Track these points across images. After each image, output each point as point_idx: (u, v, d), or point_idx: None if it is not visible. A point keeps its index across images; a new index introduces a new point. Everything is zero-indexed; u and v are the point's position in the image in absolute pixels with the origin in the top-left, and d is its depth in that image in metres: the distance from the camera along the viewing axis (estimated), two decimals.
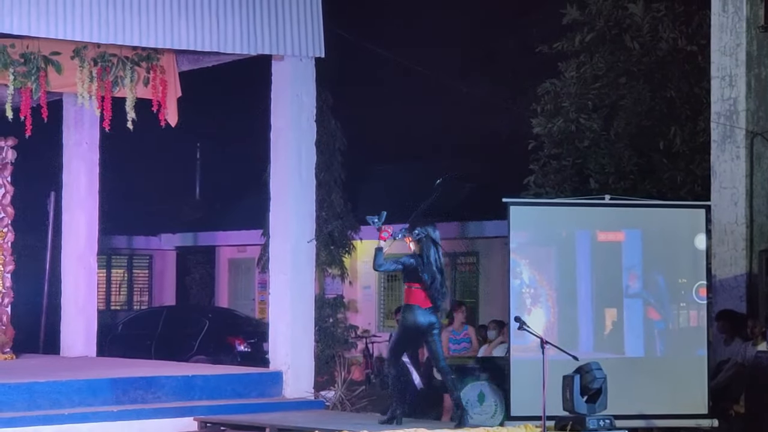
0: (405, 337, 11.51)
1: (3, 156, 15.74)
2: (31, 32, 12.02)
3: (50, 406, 11.86)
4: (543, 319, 13.15)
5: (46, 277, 18.37)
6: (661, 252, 13.45)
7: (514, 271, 13.23)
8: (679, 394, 13.22)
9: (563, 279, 13.35)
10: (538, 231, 13.51)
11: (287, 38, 13.31)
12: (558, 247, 13.45)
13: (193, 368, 14.46)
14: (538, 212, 13.81)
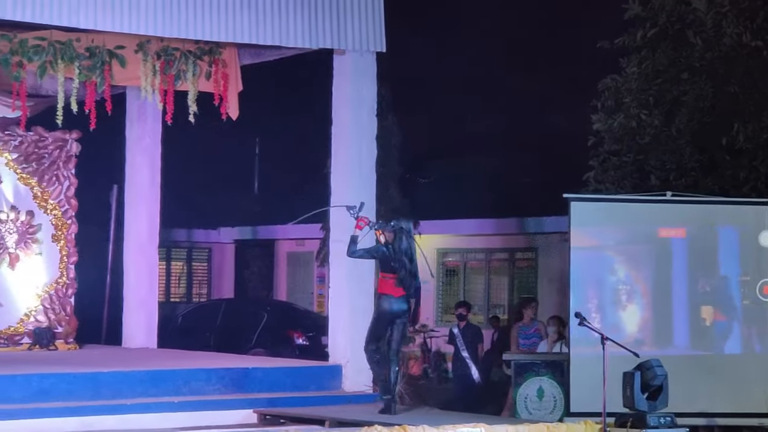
0: (379, 324, 12.05)
1: (68, 149, 15.92)
2: (97, 26, 12.15)
3: (113, 396, 11.98)
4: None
5: (108, 268, 18.53)
6: (724, 249, 13.36)
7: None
8: (741, 392, 13.12)
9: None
10: (600, 227, 13.46)
11: (349, 32, 13.34)
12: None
13: (252, 361, 14.54)
14: (599, 208, 13.76)
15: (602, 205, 13.90)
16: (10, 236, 15.64)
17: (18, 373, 11.86)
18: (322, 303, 24.72)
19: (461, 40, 24.30)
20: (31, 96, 13.93)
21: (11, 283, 15.64)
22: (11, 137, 15.67)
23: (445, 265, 24.74)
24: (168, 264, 25.63)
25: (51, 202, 15.85)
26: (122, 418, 11.60)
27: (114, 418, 11.57)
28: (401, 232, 11.92)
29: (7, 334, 15.50)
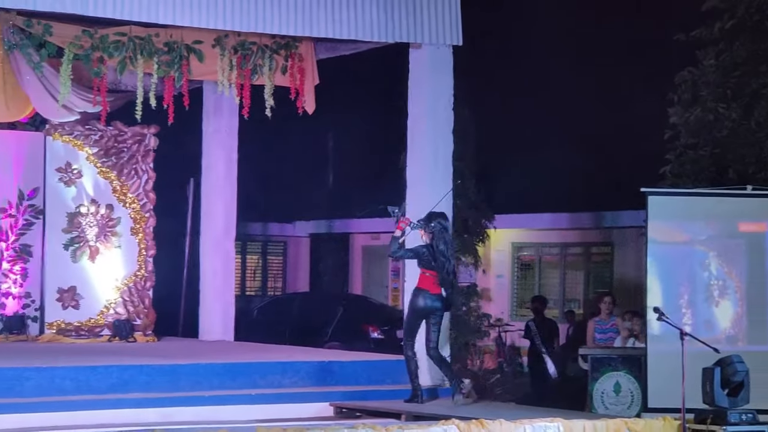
0: (414, 318, 12.24)
1: (146, 143, 16.10)
2: (176, 22, 12.28)
3: (191, 388, 12.10)
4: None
5: (185, 261, 18.69)
6: None
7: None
8: None
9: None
10: (678, 221, 13.33)
11: (425, 26, 13.33)
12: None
13: (329, 354, 14.60)
14: (677, 202, 13.61)
15: (680, 199, 13.75)
16: (91, 229, 15.85)
17: (99, 364, 12.02)
18: (396, 297, 24.72)
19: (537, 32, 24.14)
20: (111, 91, 14.09)
21: (92, 275, 15.86)
22: (91, 132, 15.88)
23: (520, 260, 24.65)
24: (243, 257, 25.77)
25: (130, 195, 16.04)
26: (200, 410, 11.70)
27: (192, 410, 11.67)
28: (441, 233, 12.08)
29: (87, 326, 15.72)
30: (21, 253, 15.91)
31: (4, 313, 15.74)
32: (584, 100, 23.86)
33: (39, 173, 15.98)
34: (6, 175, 15.88)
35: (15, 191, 15.92)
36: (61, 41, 12.94)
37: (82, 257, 15.85)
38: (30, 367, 11.67)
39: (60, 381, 11.56)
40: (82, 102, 13.85)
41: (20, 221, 15.95)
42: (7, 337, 15.58)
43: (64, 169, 15.87)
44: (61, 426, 10.84)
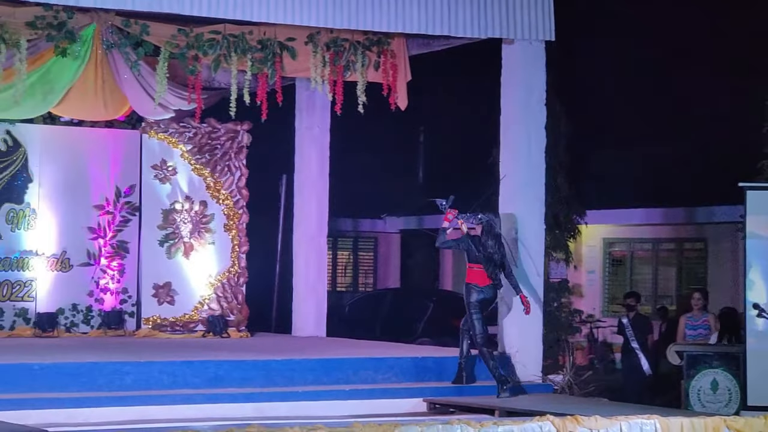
0: (476, 313, 12.54)
1: (239, 140, 16.23)
2: (269, 19, 12.37)
3: (285, 384, 12.19)
4: None
5: (278, 257, 18.81)
6: None
7: None
8: None
9: None
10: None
11: (518, 21, 13.29)
12: None
13: (421, 350, 14.61)
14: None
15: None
16: (185, 226, 16.03)
17: (195, 360, 12.15)
18: None
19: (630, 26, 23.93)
20: (205, 89, 14.23)
21: (186, 271, 16.04)
22: (186, 129, 16.06)
23: (612, 255, 24.46)
24: (334, 253, 25.88)
25: (223, 192, 16.19)
26: (294, 405, 11.77)
27: (286, 405, 11.75)
28: (489, 227, 12.49)
29: (182, 321, 15.91)
30: (118, 249, 16.16)
31: (102, 308, 16.00)
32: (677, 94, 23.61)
33: (135, 171, 16.21)
34: (103, 173, 16.12)
35: (112, 188, 16.16)
36: (158, 40, 13.11)
37: (176, 253, 16.04)
38: (129, 361, 11.84)
39: (157, 375, 11.72)
40: (177, 100, 14.01)
41: (117, 218, 16.19)
42: (105, 332, 15.83)
43: (159, 166, 16.07)
44: (158, 419, 10.99)
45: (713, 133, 22.48)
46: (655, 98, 24.16)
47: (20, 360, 11.70)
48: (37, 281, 15.76)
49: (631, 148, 23.93)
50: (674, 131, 23.62)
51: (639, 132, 24.13)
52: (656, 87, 24.12)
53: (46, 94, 13.67)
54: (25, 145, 15.79)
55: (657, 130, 23.95)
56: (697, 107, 23.39)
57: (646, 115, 24.25)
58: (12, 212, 15.71)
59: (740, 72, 21.61)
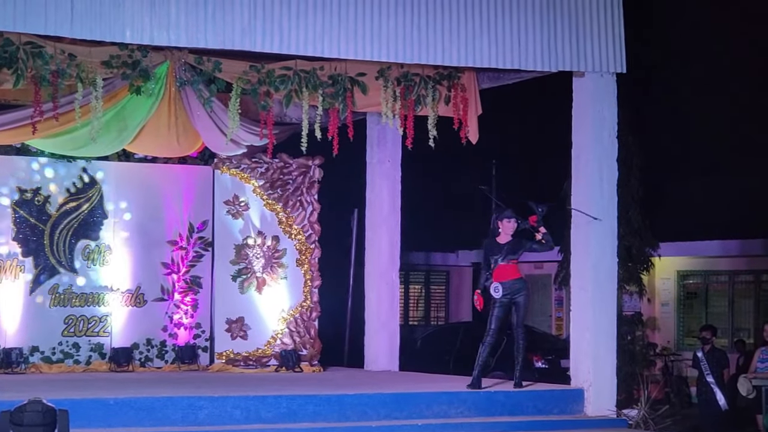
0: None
1: (311, 175, 16.32)
2: (340, 55, 12.42)
3: (358, 418, 12.16)
4: None
5: (350, 292, 18.86)
6: None
7: None
8: None
9: None
10: None
11: (588, 54, 13.24)
12: None
13: (494, 384, 14.54)
14: None
15: None
16: (257, 261, 16.12)
17: (268, 394, 12.17)
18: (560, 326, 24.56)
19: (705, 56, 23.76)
20: (277, 124, 14.32)
21: (259, 306, 16.13)
22: (258, 164, 16.18)
23: (686, 288, 24.23)
24: (406, 287, 25.90)
25: (295, 227, 16.27)
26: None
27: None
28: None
29: (255, 356, 15.97)
30: (191, 284, 16.28)
31: (176, 343, 16.13)
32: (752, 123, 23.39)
33: (208, 206, 16.35)
34: (177, 209, 16.29)
35: (186, 224, 16.31)
36: (230, 77, 13.23)
37: (249, 288, 16.13)
38: (203, 396, 11.88)
39: (231, 410, 11.75)
40: (249, 135, 14.12)
41: (190, 253, 16.32)
42: (179, 367, 15.95)
43: (232, 201, 16.20)
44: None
45: None
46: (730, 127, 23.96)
47: (96, 395, 11.81)
48: (112, 316, 15.93)
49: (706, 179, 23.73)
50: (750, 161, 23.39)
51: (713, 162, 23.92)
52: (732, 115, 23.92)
53: (120, 131, 13.86)
54: (100, 182, 16.01)
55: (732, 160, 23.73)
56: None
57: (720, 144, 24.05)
58: (88, 248, 15.91)
59: None
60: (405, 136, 14.00)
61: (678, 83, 24.30)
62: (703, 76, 24.09)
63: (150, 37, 11.59)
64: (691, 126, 24.30)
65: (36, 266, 15.63)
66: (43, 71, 12.21)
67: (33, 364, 15.40)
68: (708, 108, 24.14)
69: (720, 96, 23.93)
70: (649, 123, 21.19)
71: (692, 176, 24.00)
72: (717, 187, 23.20)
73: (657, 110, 23.35)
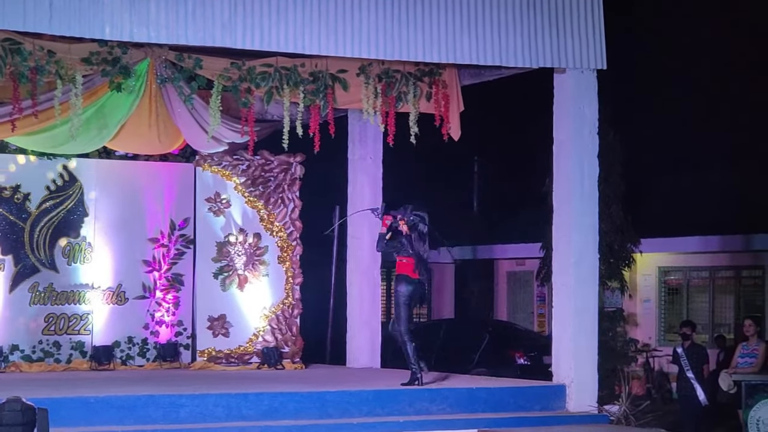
0: (405, 303, 13.14)
1: (292, 172, 16.30)
2: (321, 51, 12.41)
3: (340, 415, 12.15)
4: None
5: (332, 289, 18.85)
6: None
7: None
8: None
9: None
10: None
11: (569, 51, 13.26)
12: None
13: (475, 381, 14.55)
14: None
15: None
16: (239, 258, 16.10)
17: (250, 392, 12.16)
18: (542, 323, 24.60)
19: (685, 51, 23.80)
20: (258, 121, 14.30)
21: (241, 304, 16.10)
22: (239, 162, 16.15)
23: (667, 284, 24.29)
24: (388, 284, 25.88)
25: (277, 224, 16.25)
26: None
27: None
28: (416, 224, 13.20)
29: (237, 353, 15.95)
30: (173, 282, 16.25)
31: (158, 341, 16.09)
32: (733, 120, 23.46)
33: (189, 204, 16.31)
34: (158, 206, 16.25)
35: (167, 222, 16.28)
36: (211, 74, 13.20)
37: (231, 286, 16.11)
38: (184, 394, 11.86)
39: (213, 408, 11.73)
40: (230, 133, 14.09)
41: (172, 251, 16.29)
42: (161, 365, 15.92)
43: (213, 199, 16.17)
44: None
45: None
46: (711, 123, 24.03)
47: (77, 393, 11.78)
48: (93, 314, 15.88)
49: (686, 175, 23.79)
50: (730, 157, 23.46)
51: (694, 158, 23.99)
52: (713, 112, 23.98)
53: (101, 128, 13.81)
54: (80, 179, 15.96)
55: (712, 156, 23.80)
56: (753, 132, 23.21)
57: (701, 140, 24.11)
58: (68, 246, 15.86)
59: None
60: (386, 132, 14.00)
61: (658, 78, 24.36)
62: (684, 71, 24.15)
63: (130, 34, 11.56)
64: (672, 122, 24.37)
65: (16, 264, 15.57)
66: (22, 68, 12.16)
67: (13, 362, 15.34)
68: (689, 103, 24.21)
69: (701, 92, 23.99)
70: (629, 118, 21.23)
71: (673, 172, 24.08)
72: (698, 183, 23.27)
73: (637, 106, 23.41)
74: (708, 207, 22.52)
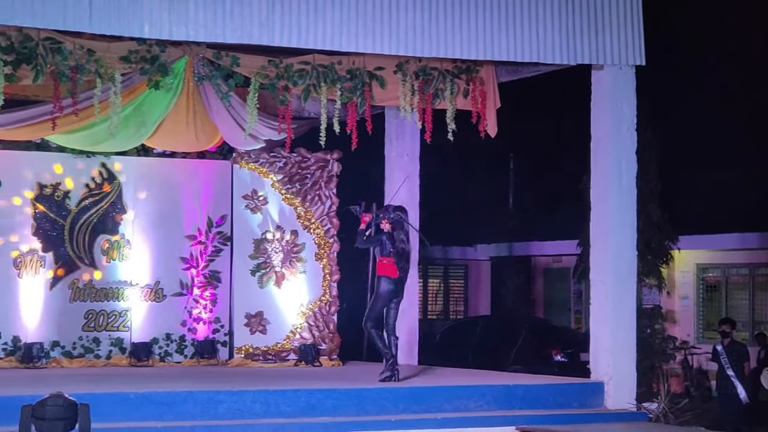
0: (381, 303, 13.50)
1: (329, 169, 16.32)
2: (358, 49, 12.42)
3: (377, 412, 12.16)
4: None
5: (368, 286, 18.80)
6: None
7: None
8: None
9: None
10: None
11: (607, 47, 13.21)
12: None
13: (513, 378, 14.52)
14: None
15: None
16: (276, 255, 16.14)
17: (287, 389, 12.18)
18: (579, 319, 24.54)
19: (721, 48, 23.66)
20: (295, 118, 14.34)
21: (278, 300, 16.14)
22: (276, 159, 16.19)
23: (706, 281, 24.16)
24: (425, 281, 25.90)
25: (314, 221, 16.27)
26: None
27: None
28: (399, 223, 13.46)
29: (274, 350, 15.99)
30: (210, 279, 16.31)
31: (195, 338, 16.16)
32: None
33: (226, 201, 16.37)
34: (195, 204, 16.32)
35: (204, 219, 16.35)
36: (248, 71, 13.24)
37: (268, 283, 16.15)
38: (222, 390, 11.91)
39: (251, 404, 11.77)
40: (267, 130, 14.13)
41: (209, 248, 16.35)
42: (198, 361, 15.99)
43: (251, 196, 16.21)
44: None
45: None
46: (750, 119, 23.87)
47: (117, 389, 11.85)
48: (131, 311, 15.97)
49: (725, 171, 23.66)
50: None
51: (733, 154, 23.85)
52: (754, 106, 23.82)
53: (139, 126, 13.89)
54: (119, 177, 16.05)
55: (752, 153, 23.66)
56: None
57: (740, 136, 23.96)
58: (107, 243, 15.95)
59: None
60: (423, 129, 13.99)
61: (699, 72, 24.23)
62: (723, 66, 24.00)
63: (168, 32, 11.61)
64: (708, 117, 24.23)
65: (56, 261, 15.69)
66: (63, 67, 12.24)
67: (54, 358, 15.46)
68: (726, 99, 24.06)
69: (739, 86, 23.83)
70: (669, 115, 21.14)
71: (712, 169, 23.93)
72: (737, 179, 23.12)
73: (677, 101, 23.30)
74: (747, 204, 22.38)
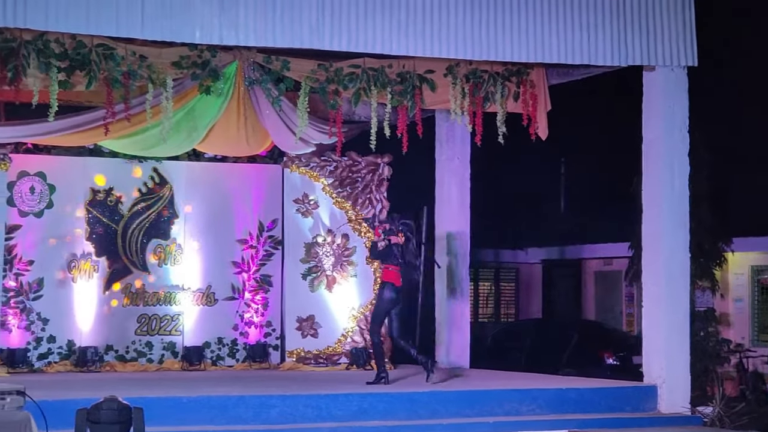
0: (384, 309, 13.73)
1: (380, 172, 16.34)
2: (408, 52, 12.44)
3: (429, 416, 12.17)
4: None
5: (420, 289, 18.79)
6: None
7: None
8: None
9: None
10: None
11: (659, 48, 13.14)
12: None
13: (565, 381, 14.45)
14: None
15: None
16: (327, 259, 16.17)
17: (339, 393, 12.21)
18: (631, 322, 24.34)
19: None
20: (346, 122, 14.36)
21: (329, 304, 16.18)
22: (327, 163, 16.22)
23: (761, 283, 23.91)
24: (476, 284, 25.83)
25: (365, 225, 16.28)
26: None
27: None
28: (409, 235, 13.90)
29: (326, 354, 16.02)
30: (262, 283, 16.36)
31: (247, 342, 16.21)
32: None
33: (277, 205, 16.42)
34: (246, 208, 16.38)
35: (255, 223, 16.40)
36: (299, 75, 13.28)
37: (319, 286, 16.18)
38: (274, 394, 11.95)
39: (303, 409, 11.81)
40: (317, 134, 14.16)
41: (261, 252, 16.40)
42: (250, 365, 16.04)
43: (301, 200, 16.25)
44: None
45: None
46: None
47: (170, 393, 11.92)
48: (183, 315, 16.05)
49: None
50: None
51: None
52: None
53: (190, 131, 13.97)
54: (171, 181, 16.14)
55: None
56: None
57: None
58: (159, 248, 16.04)
59: None
60: (474, 133, 13.98)
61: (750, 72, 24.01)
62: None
63: (219, 37, 11.68)
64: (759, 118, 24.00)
65: (109, 266, 15.80)
66: (115, 73, 12.34)
67: (107, 362, 15.57)
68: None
69: None
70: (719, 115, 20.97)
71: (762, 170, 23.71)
72: None
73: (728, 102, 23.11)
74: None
